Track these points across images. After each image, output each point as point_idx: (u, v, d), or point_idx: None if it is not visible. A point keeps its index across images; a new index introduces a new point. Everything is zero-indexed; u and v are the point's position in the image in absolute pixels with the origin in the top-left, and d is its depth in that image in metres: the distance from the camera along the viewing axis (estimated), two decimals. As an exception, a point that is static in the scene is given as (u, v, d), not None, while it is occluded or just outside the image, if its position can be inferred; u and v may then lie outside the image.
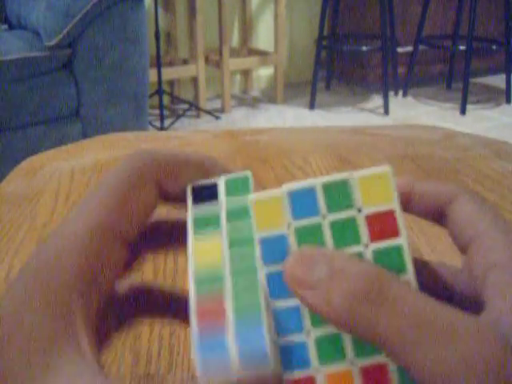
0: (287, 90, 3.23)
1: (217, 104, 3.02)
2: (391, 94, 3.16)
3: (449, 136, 0.69)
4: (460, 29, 3.15)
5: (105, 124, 1.79)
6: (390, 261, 0.18)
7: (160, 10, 2.82)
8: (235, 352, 0.17)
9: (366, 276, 0.16)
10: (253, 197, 0.19)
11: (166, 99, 2.90)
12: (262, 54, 3.08)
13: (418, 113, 2.95)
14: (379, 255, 0.18)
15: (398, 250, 0.18)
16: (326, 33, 3.20)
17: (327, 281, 0.17)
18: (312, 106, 2.98)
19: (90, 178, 0.56)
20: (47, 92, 1.66)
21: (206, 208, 0.21)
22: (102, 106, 1.76)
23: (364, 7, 3.23)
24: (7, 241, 0.44)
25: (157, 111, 2.66)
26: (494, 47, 3.06)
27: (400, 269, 0.18)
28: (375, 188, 0.19)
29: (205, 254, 0.20)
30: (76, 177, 0.56)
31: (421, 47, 3.12)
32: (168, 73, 2.70)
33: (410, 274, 0.18)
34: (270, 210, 0.19)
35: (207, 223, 0.21)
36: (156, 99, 2.59)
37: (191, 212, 0.21)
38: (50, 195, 0.52)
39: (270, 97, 3.20)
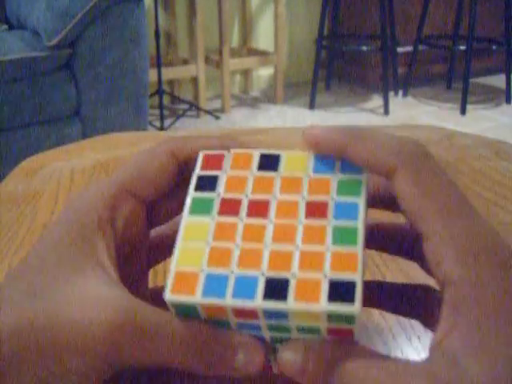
0: (287, 89, 3.23)
1: (217, 104, 3.02)
2: (391, 94, 3.16)
3: (449, 136, 0.69)
4: (460, 29, 3.14)
5: (105, 124, 1.79)
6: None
7: (160, 10, 2.82)
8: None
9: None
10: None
11: (166, 99, 2.90)
12: (262, 54, 3.08)
13: (418, 113, 2.95)
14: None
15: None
16: (326, 33, 3.19)
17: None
18: (312, 106, 2.98)
19: (89, 178, 0.56)
20: (47, 92, 1.66)
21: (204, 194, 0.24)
22: (101, 105, 1.76)
23: (364, 7, 3.23)
24: (7, 241, 0.44)
25: (157, 111, 2.65)
26: (494, 47, 3.06)
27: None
28: None
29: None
30: (76, 177, 0.56)
31: (421, 47, 3.12)
32: (168, 73, 2.69)
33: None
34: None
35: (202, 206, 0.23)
36: (156, 99, 2.59)
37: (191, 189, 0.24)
38: (50, 195, 0.52)
39: (269, 97, 3.20)
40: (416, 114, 2.92)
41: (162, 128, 2.53)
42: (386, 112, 2.88)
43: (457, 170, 0.58)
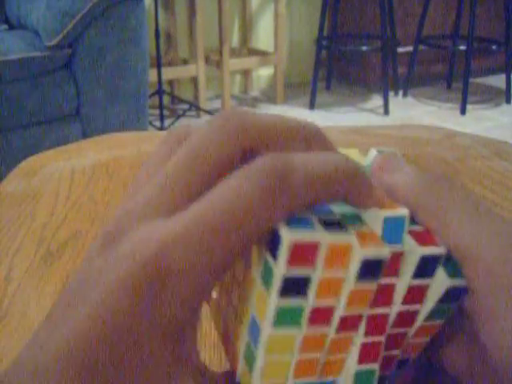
0: (287, 90, 3.23)
1: (217, 104, 3.02)
2: (391, 94, 3.16)
3: (449, 136, 0.68)
4: (460, 29, 3.15)
5: (105, 124, 1.79)
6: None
7: (160, 10, 2.82)
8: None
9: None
10: None
11: (166, 99, 2.90)
12: (262, 54, 3.08)
13: (418, 113, 2.95)
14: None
15: None
16: (326, 33, 3.19)
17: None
18: (312, 106, 2.98)
19: (89, 178, 0.56)
20: (47, 92, 1.66)
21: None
22: (101, 105, 1.76)
23: (364, 7, 3.23)
24: (7, 241, 0.44)
25: (157, 111, 2.65)
26: (494, 47, 3.06)
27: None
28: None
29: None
30: (76, 177, 0.56)
31: (421, 47, 3.12)
32: (168, 73, 2.70)
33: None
34: None
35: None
36: (156, 99, 2.59)
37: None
38: (50, 195, 0.52)
39: (269, 97, 3.20)
40: (416, 114, 2.92)
41: (162, 128, 2.53)
42: (386, 112, 2.88)
43: (457, 170, 0.58)
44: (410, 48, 3.19)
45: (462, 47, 2.87)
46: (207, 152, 0.18)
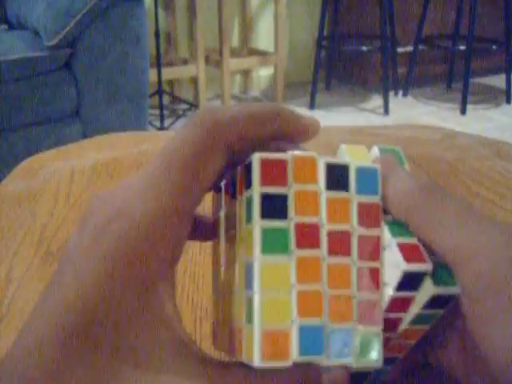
0: (287, 90, 3.23)
1: (217, 104, 3.02)
2: (391, 94, 3.15)
3: (449, 136, 0.68)
4: (460, 29, 3.14)
5: (105, 124, 1.79)
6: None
7: (160, 10, 2.82)
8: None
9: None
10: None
11: (165, 99, 2.90)
12: (261, 54, 3.08)
13: (418, 113, 2.95)
14: None
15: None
16: (326, 33, 3.19)
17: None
18: (312, 106, 2.97)
19: (89, 178, 0.56)
20: (47, 92, 1.66)
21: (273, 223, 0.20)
22: (101, 106, 1.76)
23: (364, 7, 3.23)
24: (7, 241, 0.44)
25: (157, 111, 2.65)
26: (494, 47, 3.05)
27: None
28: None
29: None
30: (76, 177, 0.56)
31: (421, 47, 3.11)
32: (168, 73, 2.69)
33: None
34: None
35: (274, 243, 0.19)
36: (156, 99, 2.59)
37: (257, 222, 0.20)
38: (50, 195, 0.52)
39: (269, 97, 3.20)
40: (416, 114, 2.92)
41: (162, 128, 2.53)
42: (386, 112, 2.88)
43: (457, 170, 0.58)
44: (409, 48, 3.19)
45: (462, 47, 2.87)
46: (187, 150, 0.20)
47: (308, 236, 0.19)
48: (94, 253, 0.19)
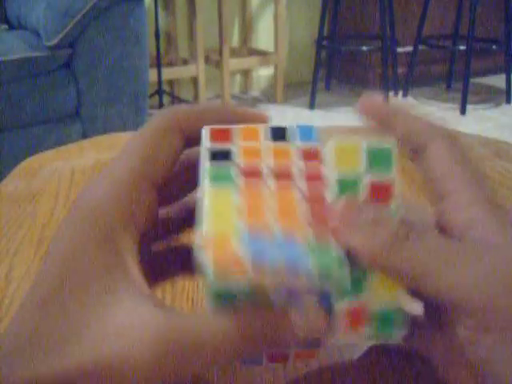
0: (287, 90, 3.23)
1: (217, 104, 3.02)
2: (391, 94, 3.15)
3: (449, 136, 0.68)
4: (460, 29, 3.15)
5: (105, 124, 1.79)
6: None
7: (160, 10, 2.82)
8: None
9: (399, 224, 0.21)
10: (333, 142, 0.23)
11: (165, 99, 2.90)
12: (262, 54, 3.08)
13: (418, 113, 2.94)
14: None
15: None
16: (325, 33, 3.19)
17: (372, 225, 0.21)
18: (312, 105, 2.98)
19: (89, 178, 0.56)
20: (47, 92, 1.66)
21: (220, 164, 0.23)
22: (101, 106, 1.76)
23: (364, 7, 3.23)
24: (7, 241, 0.44)
25: (157, 111, 2.66)
26: (494, 47, 3.06)
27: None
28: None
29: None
30: (76, 177, 0.56)
31: (421, 47, 3.12)
32: (168, 73, 2.69)
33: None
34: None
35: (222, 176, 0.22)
36: (156, 99, 2.59)
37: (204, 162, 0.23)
38: (50, 195, 0.52)
39: (269, 97, 3.20)
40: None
41: (161, 128, 2.53)
42: (386, 112, 2.88)
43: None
44: (409, 48, 3.19)
45: (462, 47, 2.87)
46: (153, 144, 0.23)
47: (251, 173, 0.22)
48: (70, 218, 0.22)
